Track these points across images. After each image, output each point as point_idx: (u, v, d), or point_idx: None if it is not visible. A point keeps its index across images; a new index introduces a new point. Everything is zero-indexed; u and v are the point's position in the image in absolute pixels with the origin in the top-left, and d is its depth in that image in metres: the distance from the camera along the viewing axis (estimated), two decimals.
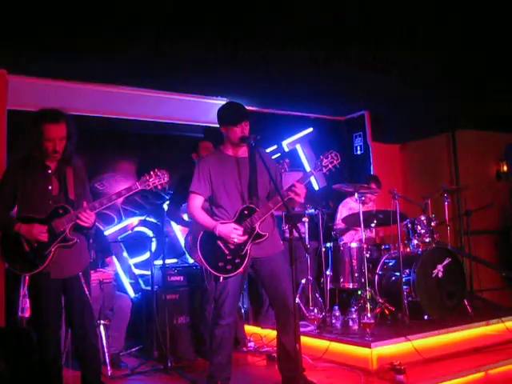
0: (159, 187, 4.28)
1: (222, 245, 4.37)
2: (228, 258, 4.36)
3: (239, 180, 4.49)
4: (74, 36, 5.62)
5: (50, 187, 4.18)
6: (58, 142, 4.08)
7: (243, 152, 4.58)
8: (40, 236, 4.02)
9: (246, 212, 4.40)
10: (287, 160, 6.55)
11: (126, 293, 6.88)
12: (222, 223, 4.39)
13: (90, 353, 4.29)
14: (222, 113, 4.59)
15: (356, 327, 5.85)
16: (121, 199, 7.04)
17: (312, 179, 7.90)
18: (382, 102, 8.61)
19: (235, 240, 4.32)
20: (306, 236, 6.91)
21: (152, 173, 4.26)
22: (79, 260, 4.28)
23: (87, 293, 4.24)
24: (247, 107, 4.65)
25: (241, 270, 4.36)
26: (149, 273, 6.25)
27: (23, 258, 4.07)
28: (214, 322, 4.51)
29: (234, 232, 4.32)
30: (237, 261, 4.35)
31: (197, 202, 4.51)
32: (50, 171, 4.21)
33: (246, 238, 4.36)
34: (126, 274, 7.17)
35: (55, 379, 4.27)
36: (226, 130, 4.51)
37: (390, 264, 6.76)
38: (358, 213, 6.45)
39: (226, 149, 4.59)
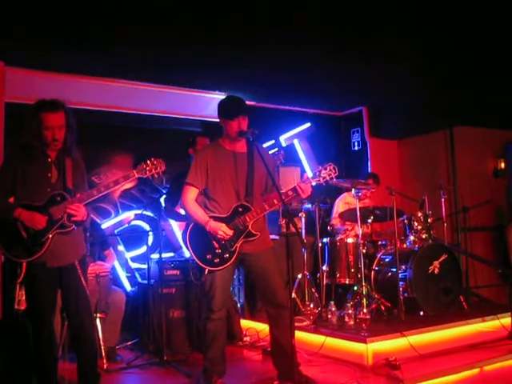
0: (155, 175, 4.31)
1: (212, 238, 4.38)
2: (217, 251, 4.37)
3: (236, 175, 4.49)
4: (72, 29, 5.63)
5: (49, 174, 4.20)
6: (56, 130, 4.11)
7: (241, 147, 4.57)
8: (38, 224, 4.03)
9: (240, 209, 4.41)
10: (282, 152, 6.54)
11: (122, 286, 6.88)
12: (214, 220, 4.39)
13: (86, 343, 4.28)
14: (221, 106, 4.58)
15: (352, 322, 5.85)
16: (118, 192, 7.07)
17: (309, 173, 7.93)
18: (379, 97, 8.62)
19: (222, 237, 4.33)
20: (303, 231, 6.92)
21: (149, 161, 4.30)
22: (76, 248, 4.29)
23: (84, 282, 4.24)
24: (246, 101, 4.64)
25: (228, 264, 4.38)
26: (145, 266, 6.25)
27: (20, 245, 4.07)
28: (205, 316, 4.53)
29: (222, 231, 4.32)
30: (225, 256, 4.37)
31: (191, 194, 4.51)
32: (49, 160, 4.23)
33: (237, 234, 4.37)
34: (123, 267, 7.17)
35: (50, 371, 4.28)
36: (224, 124, 4.50)
37: (387, 260, 6.77)
38: (355, 208, 6.46)
39: (225, 142, 4.58)
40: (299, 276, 6.71)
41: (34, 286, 4.18)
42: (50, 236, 4.09)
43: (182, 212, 6.26)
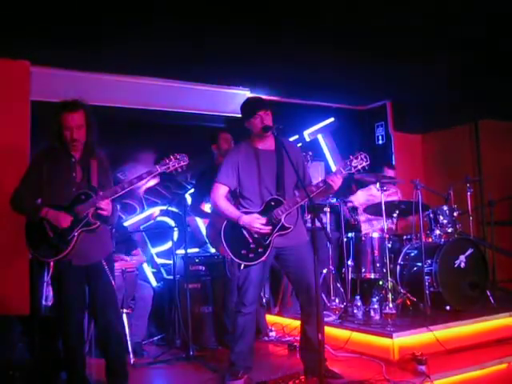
0: (179, 170, 4.34)
1: (246, 233, 4.41)
2: (251, 246, 4.39)
3: (267, 172, 4.52)
4: (96, 26, 5.65)
5: (73, 174, 4.25)
6: (75, 130, 4.15)
7: (270, 144, 4.61)
8: (63, 223, 4.07)
9: (272, 203, 4.43)
10: (310, 152, 6.53)
11: (148, 282, 6.93)
12: (245, 213, 4.43)
13: (114, 341, 4.32)
14: (242, 109, 4.65)
15: (377, 317, 5.83)
16: (143, 188, 7.12)
17: (333, 168, 7.91)
18: (404, 91, 8.55)
19: (258, 230, 4.34)
20: (328, 226, 6.91)
21: (172, 156, 4.32)
22: (102, 247, 4.34)
23: (111, 280, 4.29)
24: (269, 97, 4.68)
25: (263, 259, 4.40)
26: (171, 262, 6.29)
27: (47, 244, 4.13)
28: (236, 310, 4.56)
29: (256, 222, 4.34)
30: (260, 250, 4.39)
31: (221, 191, 4.55)
32: (73, 160, 4.28)
33: (270, 228, 4.39)
34: (149, 263, 7.22)
35: (79, 367, 4.33)
36: (249, 124, 4.54)
37: (412, 254, 6.73)
38: (380, 202, 6.44)
39: (254, 142, 4.62)
40: (324, 271, 6.71)
41: (62, 284, 4.24)
42: (76, 234, 4.13)
43: (207, 209, 6.30)
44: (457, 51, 6.68)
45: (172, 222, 7.48)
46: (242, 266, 4.43)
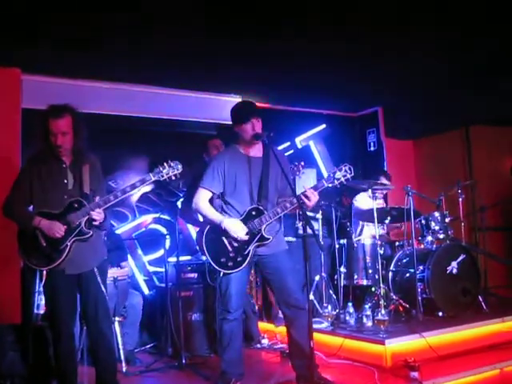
0: (173, 177, 4.31)
1: (226, 241, 4.42)
2: (231, 255, 4.42)
3: (251, 180, 4.51)
4: (88, 35, 5.64)
5: (65, 181, 4.22)
6: (59, 136, 4.12)
7: (257, 151, 4.60)
8: (57, 233, 4.05)
9: (253, 213, 4.45)
10: (302, 163, 6.48)
11: (140, 290, 6.90)
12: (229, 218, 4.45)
13: (105, 350, 4.31)
14: (233, 113, 4.62)
15: (370, 324, 5.84)
16: (136, 196, 7.10)
17: (325, 175, 7.91)
18: (395, 98, 8.57)
19: (237, 236, 4.36)
20: (320, 233, 6.91)
21: (165, 164, 4.29)
22: (94, 255, 4.31)
23: (103, 288, 4.27)
24: (260, 104, 4.66)
25: (241, 268, 4.42)
26: (163, 270, 6.27)
27: (40, 253, 4.11)
28: (221, 317, 4.57)
29: (235, 228, 4.37)
30: (239, 259, 4.41)
31: (204, 196, 4.55)
32: (64, 166, 4.25)
33: (249, 238, 4.40)
34: (140, 271, 7.19)
35: (70, 375, 4.30)
36: (239, 129, 4.53)
37: (404, 261, 6.73)
38: (371, 209, 6.44)
39: (241, 147, 4.61)
40: (317, 278, 6.71)
41: (54, 292, 4.22)
42: (69, 244, 4.11)
43: (200, 219, 6.27)
44: (449, 56, 6.70)
45: (164, 230, 7.46)
46: (222, 273, 4.47)
